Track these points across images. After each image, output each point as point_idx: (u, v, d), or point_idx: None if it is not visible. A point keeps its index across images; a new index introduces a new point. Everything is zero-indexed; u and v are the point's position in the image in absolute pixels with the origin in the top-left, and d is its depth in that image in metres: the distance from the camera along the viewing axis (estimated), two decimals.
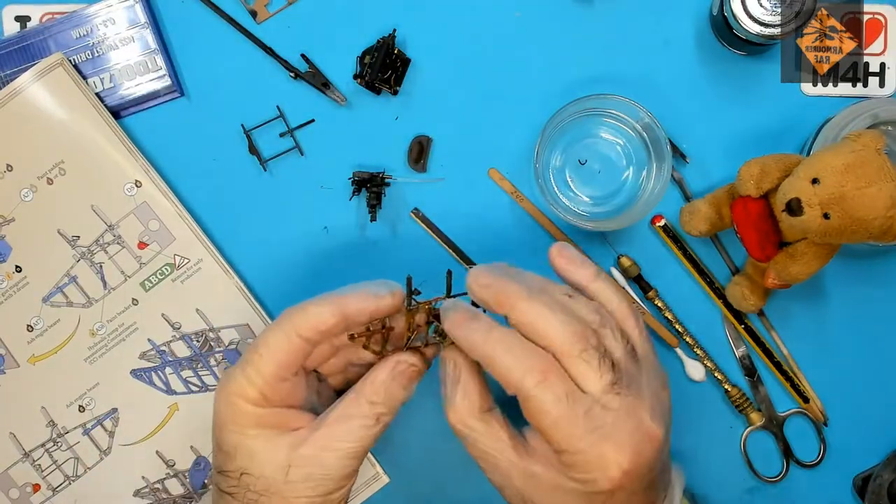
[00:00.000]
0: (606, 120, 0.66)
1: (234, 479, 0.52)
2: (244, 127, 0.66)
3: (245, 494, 0.51)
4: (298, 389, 0.53)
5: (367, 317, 0.52)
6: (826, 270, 0.61)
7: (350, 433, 0.51)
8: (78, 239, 0.65)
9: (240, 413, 0.51)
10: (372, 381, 0.52)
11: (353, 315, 0.51)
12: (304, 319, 0.51)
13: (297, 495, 0.51)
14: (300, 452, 0.51)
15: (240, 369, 0.52)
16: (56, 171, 0.65)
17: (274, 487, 0.51)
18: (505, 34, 0.67)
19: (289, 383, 0.52)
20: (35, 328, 0.65)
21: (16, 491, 0.65)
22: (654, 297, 0.66)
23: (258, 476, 0.51)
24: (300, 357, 0.52)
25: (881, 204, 0.54)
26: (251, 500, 0.51)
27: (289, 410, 0.52)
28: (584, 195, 0.66)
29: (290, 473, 0.51)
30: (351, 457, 0.51)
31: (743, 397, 0.66)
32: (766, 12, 0.60)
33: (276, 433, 0.51)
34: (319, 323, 0.51)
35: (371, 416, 0.51)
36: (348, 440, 0.51)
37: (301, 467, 0.51)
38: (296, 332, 0.51)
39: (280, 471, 0.51)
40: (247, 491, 0.51)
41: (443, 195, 0.67)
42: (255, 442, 0.51)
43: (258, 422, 0.51)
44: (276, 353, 0.51)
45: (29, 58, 0.65)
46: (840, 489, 0.67)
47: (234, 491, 0.52)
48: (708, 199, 0.63)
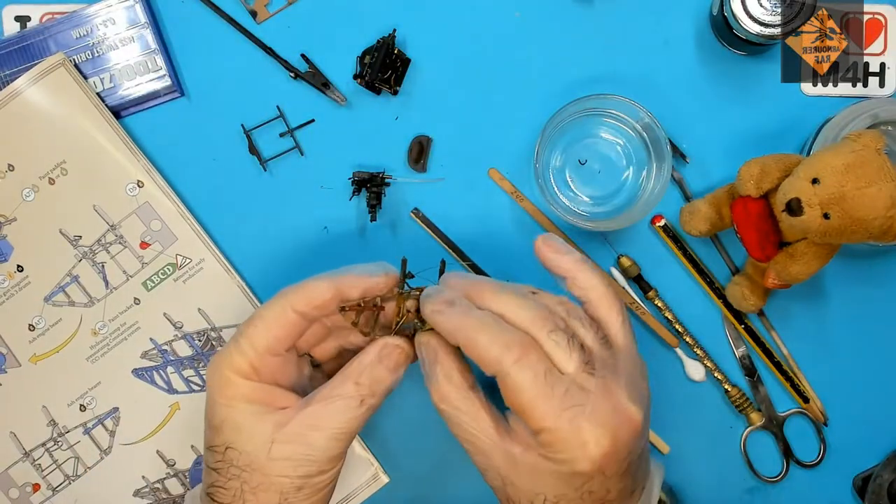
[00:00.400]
0: (606, 120, 0.66)
1: (220, 454, 0.52)
2: (244, 127, 0.67)
3: (229, 470, 0.51)
4: (290, 368, 0.54)
5: (359, 293, 0.52)
6: (826, 270, 0.61)
7: (335, 414, 0.51)
8: (80, 239, 0.66)
9: (230, 385, 0.52)
10: (359, 362, 0.52)
11: (347, 290, 0.52)
12: (300, 294, 0.52)
13: (279, 473, 0.51)
14: (285, 430, 0.51)
15: (233, 343, 0.52)
16: (58, 171, 0.65)
17: (256, 463, 0.51)
18: (505, 34, 0.67)
19: (280, 359, 0.53)
20: (37, 327, 0.66)
21: (16, 490, 0.65)
22: (654, 297, 0.66)
23: (241, 451, 0.51)
24: (294, 332, 0.52)
25: (881, 204, 0.54)
26: (234, 475, 0.51)
27: (278, 389, 0.53)
28: (584, 195, 0.66)
29: (272, 450, 0.51)
30: (335, 438, 0.51)
31: (743, 397, 0.66)
32: (766, 12, 0.60)
33: (264, 409, 0.52)
34: (314, 297, 0.51)
35: (356, 397, 0.51)
36: (333, 420, 0.51)
37: (284, 444, 0.51)
38: (291, 306, 0.51)
39: (263, 447, 0.51)
40: (230, 466, 0.51)
41: (443, 195, 0.67)
42: (242, 416, 0.51)
43: (247, 396, 0.52)
44: (270, 325, 0.52)
45: (29, 58, 0.65)
46: (840, 489, 0.67)
47: (219, 466, 0.52)
48: (708, 199, 0.63)
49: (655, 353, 0.67)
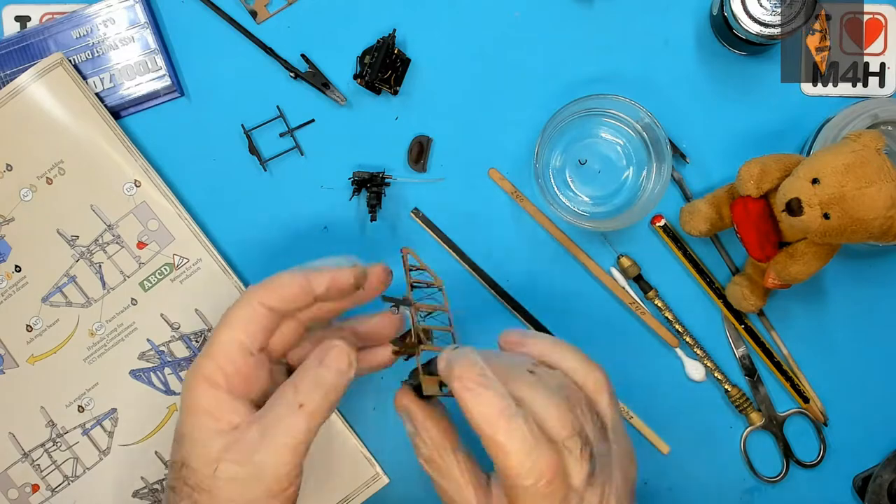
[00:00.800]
0: (606, 120, 0.66)
1: (176, 471, 0.49)
2: (244, 127, 0.66)
3: (182, 489, 0.49)
4: (262, 375, 0.51)
5: (326, 285, 0.50)
6: (826, 270, 0.61)
7: (277, 423, 0.48)
8: (77, 239, 0.65)
9: (194, 394, 0.49)
10: (301, 367, 0.50)
11: (314, 282, 0.50)
12: (267, 288, 0.50)
13: (227, 497, 0.48)
14: (233, 448, 0.48)
15: (205, 348, 0.50)
16: (55, 171, 0.65)
17: (204, 483, 0.48)
18: (505, 34, 0.67)
19: (252, 363, 0.50)
20: (34, 328, 0.65)
21: (15, 491, 0.65)
22: (654, 297, 0.66)
23: (193, 468, 0.48)
24: (264, 327, 0.50)
25: (881, 204, 0.54)
26: (186, 495, 0.49)
27: (240, 403, 0.50)
28: (584, 195, 0.66)
29: (219, 470, 0.48)
30: (282, 452, 0.47)
31: (743, 397, 0.66)
32: (766, 12, 0.60)
33: (220, 425, 0.49)
34: (282, 291, 0.50)
35: (295, 403, 0.48)
36: (277, 432, 0.48)
37: (231, 464, 0.48)
38: (259, 300, 0.50)
39: (209, 466, 0.48)
40: (184, 485, 0.49)
41: (443, 195, 0.67)
42: (199, 431, 0.49)
43: (209, 408, 0.49)
44: (239, 324, 0.50)
45: (29, 58, 0.65)
46: (840, 489, 0.67)
47: (175, 484, 0.49)
48: (708, 199, 0.63)
49: (655, 354, 0.67)
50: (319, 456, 0.65)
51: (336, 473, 0.66)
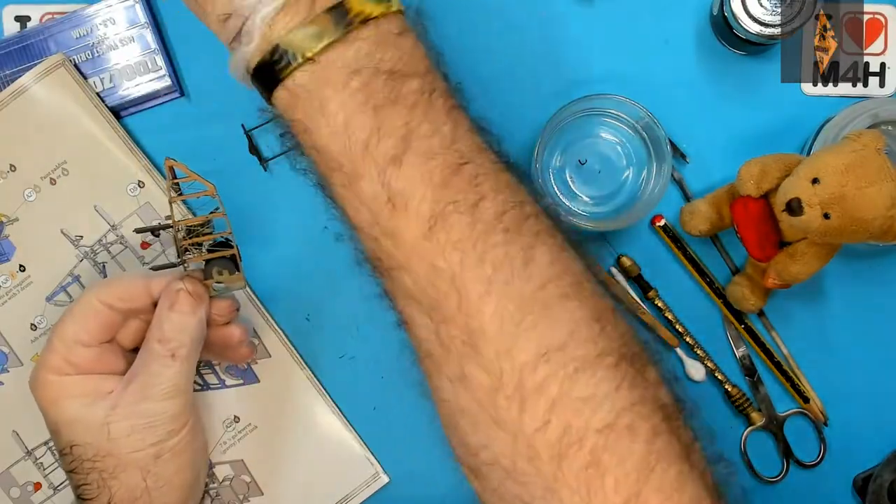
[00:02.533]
0: (606, 120, 0.66)
1: (69, 454, 0.53)
2: (244, 127, 0.67)
3: (82, 465, 0.52)
4: (112, 359, 0.56)
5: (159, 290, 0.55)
6: (826, 270, 0.61)
7: (154, 377, 0.53)
8: (81, 239, 0.66)
9: (50, 386, 0.54)
10: (156, 318, 0.54)
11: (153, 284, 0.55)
12: (104, 285, 0.55)
13: (130, 449, 0.52)
14: (116, 410, 0.53)
15: (47, 344, 0.55)
16: (59, 172, 0.65)
17: (103, 450, 0.52)
18: (505, 34, 0.67)
19: (97, 351, 0.54)
20: (38, 327, 0.66)
21: (17, 490, 0.65)
22: (654, 297, 0.66)
23: (84, 443, 0.52)
24: (105, 323, 0.55)
25: (881, 204, 0.54)
26: (89, 468, 0.52)
27: (100, 376, 0.54)
28: (584, 195, 0.66)
29: (111, 431, 0.52)
30: (165, 398, 0.53)
31: (743, 397, 0.66)
32: (766, 12, 0.60)
33: (90, 399, 0.53)
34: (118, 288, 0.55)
35: (165, 353, 0.53)
36: (155, 383, 0.53)
37: (121, 422, 0.52)
38: (95, 296, 0.55)
39: (100, 432, 0.52)
40: (82, 462, 0.52)
41: None
42: (72, 412, 0.53)
43: (69, 392, 0.53)
44: (77, 318, 0.55)
45: (29, 58, 0.65)
46: (840, 489, 0.67)
47: (74, 466, 0.53)
48: (708, 199, 0.63)
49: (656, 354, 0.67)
50: (319, 455, 0.66)
51: (336, 472, 0.66)
